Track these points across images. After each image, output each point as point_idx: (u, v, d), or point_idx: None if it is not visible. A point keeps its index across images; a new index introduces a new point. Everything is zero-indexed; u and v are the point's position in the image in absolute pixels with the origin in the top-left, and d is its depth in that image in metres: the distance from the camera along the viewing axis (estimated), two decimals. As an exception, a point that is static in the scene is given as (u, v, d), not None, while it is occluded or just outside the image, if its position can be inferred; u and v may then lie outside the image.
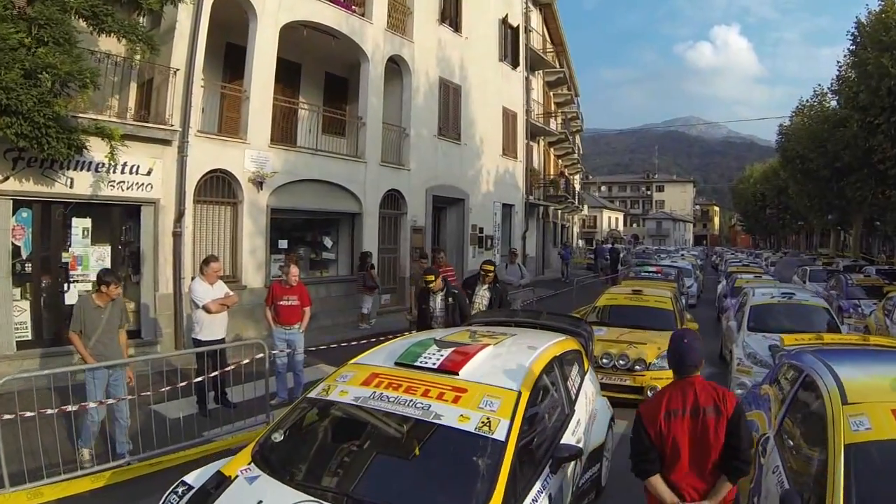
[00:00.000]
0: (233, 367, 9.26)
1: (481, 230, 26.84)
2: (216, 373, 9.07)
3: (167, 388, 8.19)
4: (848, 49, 32.28)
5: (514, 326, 8.01)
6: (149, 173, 13.68)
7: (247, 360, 9.07)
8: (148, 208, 13.91)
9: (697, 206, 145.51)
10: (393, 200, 20.99)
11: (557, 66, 38.95)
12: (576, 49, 41.66)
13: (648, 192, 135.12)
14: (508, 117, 29.35)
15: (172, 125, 13.95)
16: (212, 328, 9.88)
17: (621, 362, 10.78)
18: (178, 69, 14.10)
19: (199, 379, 9.04)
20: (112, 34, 11.73)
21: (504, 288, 11.72)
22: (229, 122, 16.66)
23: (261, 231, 16.16)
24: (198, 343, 9.87)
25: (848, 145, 31.74)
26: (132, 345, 13.42)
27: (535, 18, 35.45)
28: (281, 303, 10.64)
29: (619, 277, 34.80)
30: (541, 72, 37.16)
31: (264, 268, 16.19)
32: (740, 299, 15.41)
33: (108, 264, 13.43)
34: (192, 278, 10.73)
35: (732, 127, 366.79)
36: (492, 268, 11.15)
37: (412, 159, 21.64)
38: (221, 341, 10.02)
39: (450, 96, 24.02)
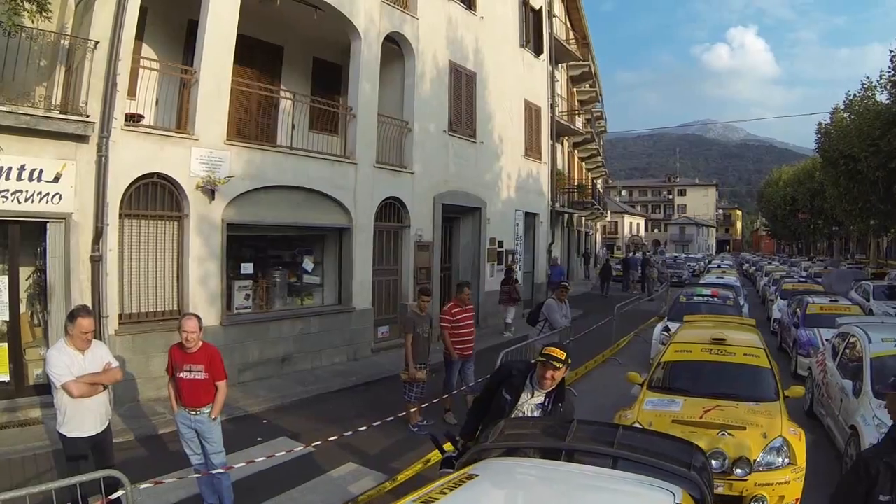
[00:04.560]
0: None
1: (500, 244, 23.07)
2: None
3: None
4: None
5: (566, 459, 4.40)
6: (56, 180, 10.34)
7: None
8: (56, 226, 10.55)
9: (720, 211, 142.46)
10: (392, 210, 17.31)
11: (582, 59, 35.31)
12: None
13: (670, 197, 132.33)
14: (531, 112, 25.68)
15: (88, 115, 10.46)
16: (79, 419, 6.43)
17: (714, 463, 7.06)
18: (97, 42, 10.60)
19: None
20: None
21: (571, 399, 6.10)
22: (188, 116, 12.95)
23: (214, 253, 12.57)
24: (62, 440, 6.53)
25: None
26: (38, 404, 10.28)
27: (558, 7, 31.89)
28: (181, 375, 6.96)
29: (655, 295, 31.40)
30: (564, 65, 33.63)
31: (220, 301, 12.62)
32: (834, 342, 12.02)
33: (5, 299, 10.38)
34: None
35: (750, 129, 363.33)
36: (563, 357, 5.54)
37: (416, 160, 17.96)
38: (99, 439, 6.60)
39: (462, 85, 20.33)
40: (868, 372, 9.46)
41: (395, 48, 17.66)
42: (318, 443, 8.17)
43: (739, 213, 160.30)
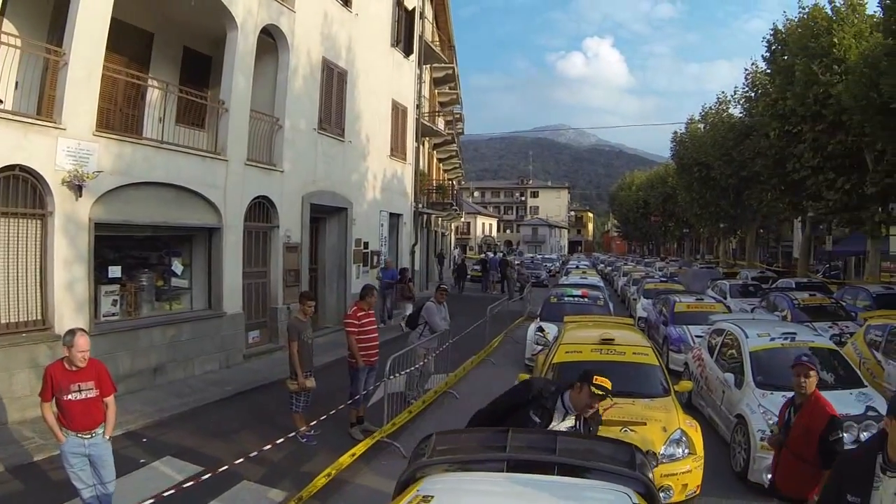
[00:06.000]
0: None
1: (366, 245, 22.89)
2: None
3: None
4: (762, 56, 31.68)
5: (507, 470, 4.27)
6: None
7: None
8: None
9: (572, 213, 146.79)
10: (261, 210, 16.68)
11: (447, 62, 35.50)
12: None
13: (523, 198, 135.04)
14: (398, 112, 25.69)
15: (-60, 100, 9.44)
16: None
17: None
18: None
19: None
20: None
21: (599, 423, 6.16)
22: (55, 103, 11.66)
23: (81, 255, 11.53)
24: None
25: (759, 154, 31.35)
26: None
27: (427, 9, 31.99)
28: (69, 397, 6.27)
29: (517, 297, 31.73)
30: (428, 66, 33.80)
31: (87, 308, 11.65)
32: (709, 338, 12.68)
33: None
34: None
35: (601, 135, 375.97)
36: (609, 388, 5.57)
37: (286, 158, 17.42)
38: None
39: (334, 82, 19.98)
40: (749, 365, 10.09)
41: (270, 41, 17.04)
42: (226, 466, 7.47)
43: (591, 214, 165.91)
